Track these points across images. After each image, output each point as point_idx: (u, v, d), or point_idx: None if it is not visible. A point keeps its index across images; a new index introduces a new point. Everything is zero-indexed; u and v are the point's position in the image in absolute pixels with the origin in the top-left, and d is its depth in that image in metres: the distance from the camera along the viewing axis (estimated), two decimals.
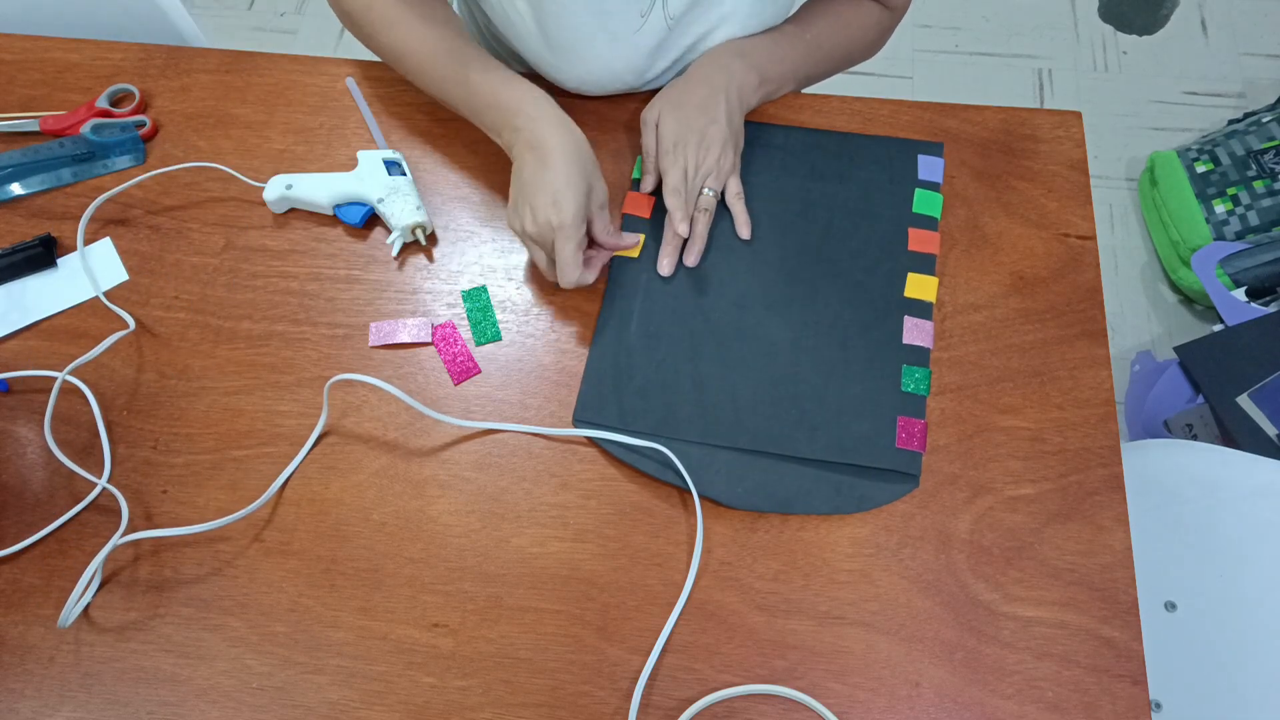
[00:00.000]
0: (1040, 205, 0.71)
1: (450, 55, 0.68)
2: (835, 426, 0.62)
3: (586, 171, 0.63)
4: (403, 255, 0.71)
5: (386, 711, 0.56)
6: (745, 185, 0.71)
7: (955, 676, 0.56)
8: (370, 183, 0.70)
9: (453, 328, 0.68)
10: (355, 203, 0.71)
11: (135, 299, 0.69)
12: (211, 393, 0.66)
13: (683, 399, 0.63)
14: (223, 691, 0.56)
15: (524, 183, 0.63)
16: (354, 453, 0.64)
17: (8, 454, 0.64)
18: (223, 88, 0.79)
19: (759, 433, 0.62)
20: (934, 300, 0.67)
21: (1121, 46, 1.76)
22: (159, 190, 0.74)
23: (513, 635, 0.58)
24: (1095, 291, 0.67)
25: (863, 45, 0.78)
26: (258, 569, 0.60)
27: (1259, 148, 1.44)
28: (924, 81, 1.74)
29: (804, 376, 0.64)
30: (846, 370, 0.64)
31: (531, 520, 0.61)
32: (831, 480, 0.61)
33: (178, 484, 0.63)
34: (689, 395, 0.64)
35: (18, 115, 0.76)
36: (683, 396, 0.64)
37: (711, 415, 0.63)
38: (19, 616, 0.59)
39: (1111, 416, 0.63)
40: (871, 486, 0.61)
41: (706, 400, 0.63)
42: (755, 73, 0.71)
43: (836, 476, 0.61)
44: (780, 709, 0.55)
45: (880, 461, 0.61)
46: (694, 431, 0.62)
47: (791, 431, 0.62)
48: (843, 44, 0.76)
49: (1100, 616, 0.57)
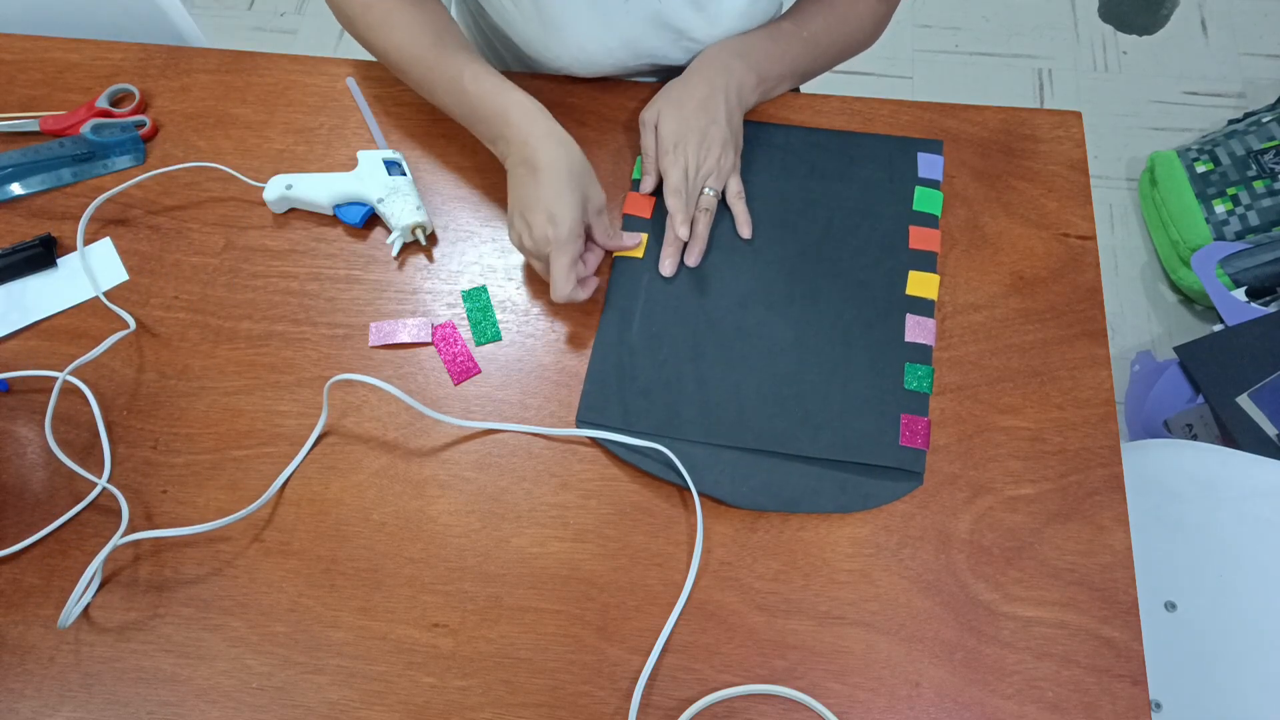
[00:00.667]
0: (1040, 205, 0.71)
1: (444, 61, 0.68)
2: (839, 425, 0.62)
3: (580, 183, 0.63)
4: (402, 255, 0.71)
5: (386, 711, 0.56)
6: (745, 185, 0.71)
7: (955, 676, 0.56)
8: (370, 183, 0.70)
9: (453, 328, 0.68)
10: (355, 203, 0.71)
11: (135, 299, 0.69)
12: (211, 393, 0.66)
13: (686, 399, 0.63)
14: (223, 691, 0.57)
15: (519, 198, 0.63)
16: (354, 453, 0.64)
17: (8, 454, 0.64)
18: (223, 88, 0.79)
19: (763, 432, 0.62)
20: (935, 298, 0.67)
21: (1121, 46, 1.76)
22: (159, 190, 0.74)
23: (513, 635, 0.58)
24: (1095, 291, 0.67)
25: (860, 38, 0.77)
26: (258, 569, 0.60)
27: (1259, 148, 1.44)
28: (924, 81, 1.74)
29: (807, 375, 0.64)
30: (849, 369, 0.64)
31: (531, 520, 0.61)
32: (836, 479, 0.61)
33: (178, 484, 0.63)
34: (692, 395, 0.64)
35: (18, 115, 0.77)
36: (686, 396, 0.64)
37: (715, 415, 0.63)
38: (19, 616, 0.59)
39: (1111, 416, 0.63)
40: (876, 484, 0.61)
41: (710, 400, 0.63)
42: (754, 72, 0.70)
43: (841, 475, 0.61)
44: (780, 709, 0.55)
45: (884, 459, 0.61)
46: (697, 431, 0.62)
47: (795, 430, 0.62)
48: (840, 39, 0.76)
49: (1100, 616, 0.57)
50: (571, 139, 0.64)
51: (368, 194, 0.70)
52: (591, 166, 0.65)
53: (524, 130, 0.63)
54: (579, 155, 0.64)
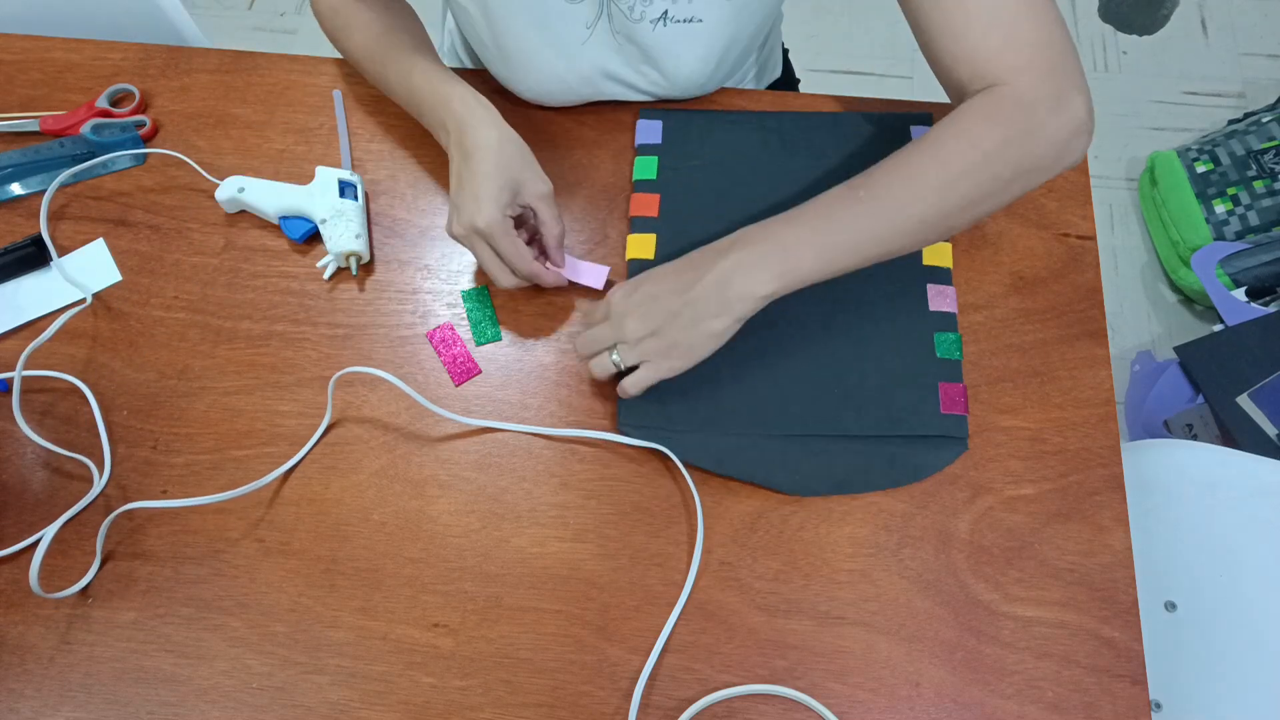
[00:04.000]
0: (1040, 205, 0.71)
1: (399, 58, 0.68)
2: (880, 400, 0.63)
3: (512, 168, 0.61)
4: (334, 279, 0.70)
5: (386, 711, 0.56)
6: (746, 169, 0.71)
7: (955, 676, 0.56)
8: (319, 200, 0.69)
9: (451, 329, 0.67)
10: (301, 217, 0.70)
11: (135, 299, 0.69)
12: (211, 393, 0.66)
13: (725, 393, 0.64)
14: (223, 691, 0.56)
15: (453, 185, 0.63)
16: (354, 453, 0.64)
17: (7, 454, 0.64)
18: (222, 88, 0.79)
19: (807, 416, 0.63)
20: (951, 266, 0.68)
21: (1121, 46, 1.76)
22: (159, 190, 0.74)
23: (513, 635, 0.58)
24: (1095, 291, 0.67)
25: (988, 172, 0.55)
26: (258, 569, 0.60)
27: (1259, 148, 1.44)
28: (924, 81, 1.74)
29: (840, 355, 0.65)
30: (881, 344, 0.65)
31: (531, 520, 0.61)
32: (884, 454, 0.61)
33: (178, 484, 0.63)
34: (730, 389, 0.64)
35: (18, 115, 0.77)
36: (724, 391, 0.64)
37: (756, 406, 0.63)
38: (19, 616, 0.59)
39: (1111, 416, 0.63)
40: (924, 455, 0.61)
41: (749, 392, 0.64)
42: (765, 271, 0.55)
43: (889, 450, 0.62)
44: (780, 709, 0.55)
45: (930, 429, 0.62)
46: (740, 425, 0.63)
47: (838, 411, 0.63)
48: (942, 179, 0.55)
49: (1100, 616, 0.57)
50: (507, 126, 0.63)
51: (313, 211, 0.69)
52: (531, 154, 0.63)
53: (459, 116, 0.63)
54: (513, 140, 0.63)
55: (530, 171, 0.63)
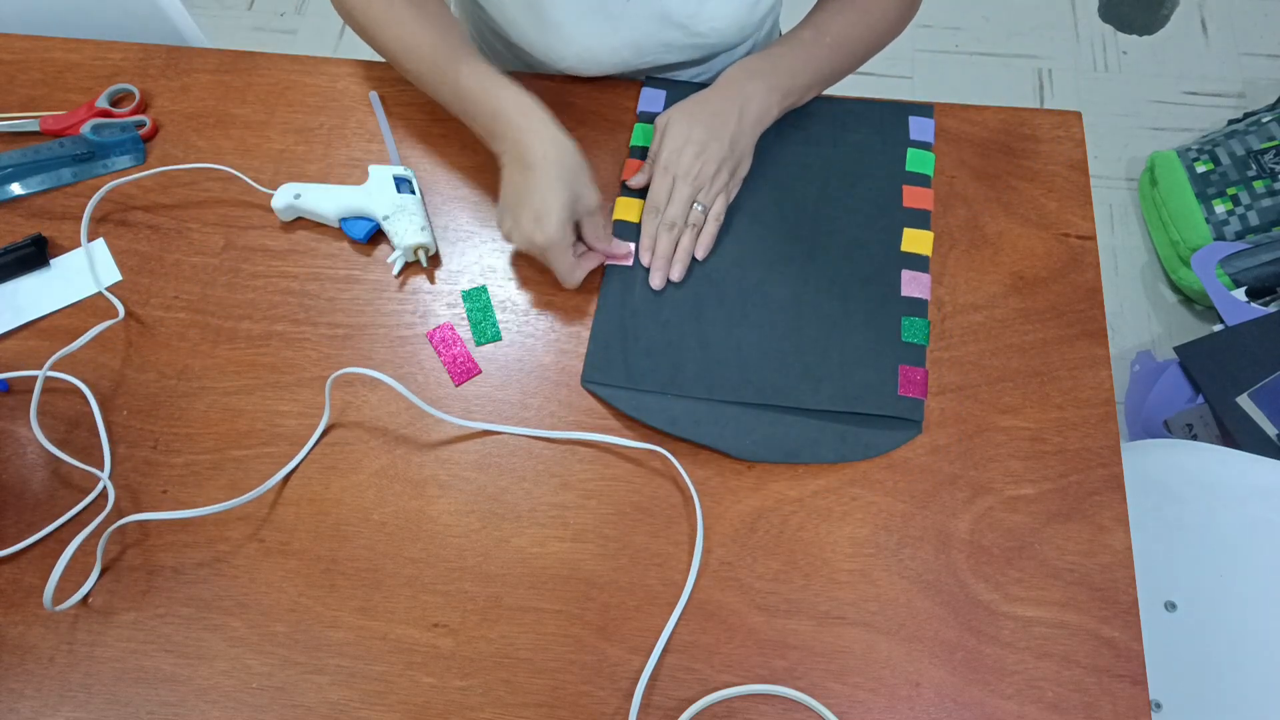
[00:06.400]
0: (1040, 205, 0.71)
1: (443, 56, 0.68)
2: (839, 377, 0.64)
3: (571, 182, 0.62)
4: (404, 274, 0.70)
5: (386, 711, 0.56)
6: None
7: (955, 676, 0.56)
8: (378, 199, 0.70)
9: (451, 329, 0.67)
10: (362, 217, 0.71)
11: (135, 299, 0.69)
12: (211, 393, 0.66)
13: (689, 357, 0.65)
14: (223, 691, 0.57)
15: (509, 194, 0.64)
16: (354, 453, 0.64)
17: (8, 454, 0.64)
18: (223, 88, 0.79)
19: (764, 386, 0.64)
20: (929, 254, 0.68)
21: (1121, 46, 1.76)
22: (159, 190, 0.74)
23: (513, 635, 0.58)
24: (1095, 291, 0.67)
25: (885, 28, 0.75)
26: (258, 569, 0.60)
27: (1259, 148, 1.44)
28: (924, 81, 1.74)
29: (806, 330, 0.66)
30: (848, 323, 0.66)
31: (531, 520, 0.61)
32: (836, 430, 0.62)
33: (178, 484, 0.63)
34: (695, 353, 0.65)
35: (18, 115, 0.76)
36: (689, 355, 0.65)
37: (717, 371, 0.64)
38: (19, 616, 0.59)
39: (1111, 416, 0.63)
40: (876, 434, 0.62)
41: (712, 357, 0.65)
42: (775, 91, 0.69)
43: (841, 426, 0.62)
44: (780, 709, 0.55)
45: (884, 409, 0.63)
46: (701, 388, 0.63)
47: (796, 384, 0.64)
48: (864, 35, 0.74)
49: (1100, 616, 0.57)
50: (566, 137, 0.64)
51: (374, 210, 0.70)
52: (587, 166, 0.64)
53: (518, 126, 0.63)
54: (573, 154, 0.63)
55: (587, 186, 0.64)
